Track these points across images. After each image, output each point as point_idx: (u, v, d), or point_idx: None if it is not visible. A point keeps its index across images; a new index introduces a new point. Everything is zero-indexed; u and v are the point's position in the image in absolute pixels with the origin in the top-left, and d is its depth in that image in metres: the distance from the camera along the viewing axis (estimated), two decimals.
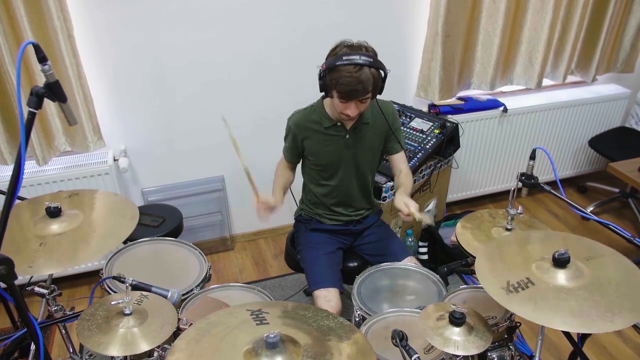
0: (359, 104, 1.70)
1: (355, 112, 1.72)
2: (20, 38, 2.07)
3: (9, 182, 1.11)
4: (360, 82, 1.62)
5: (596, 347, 2.32)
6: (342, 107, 1.71)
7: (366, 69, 1.62)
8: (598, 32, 3.02)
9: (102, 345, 1.28)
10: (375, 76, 1.65)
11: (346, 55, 1.63)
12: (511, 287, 1.26)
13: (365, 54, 1.64)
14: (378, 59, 1.69)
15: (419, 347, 1.39)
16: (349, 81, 1.61)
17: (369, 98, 1.70)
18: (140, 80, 2.42)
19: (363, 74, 1.61)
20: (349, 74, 1.61)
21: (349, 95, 1.65)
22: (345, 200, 2.02)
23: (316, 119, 1.87)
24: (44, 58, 1.12)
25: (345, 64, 1.61)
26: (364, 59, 1.62)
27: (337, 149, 1.89)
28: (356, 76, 1.61)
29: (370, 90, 1.66)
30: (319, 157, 1.92)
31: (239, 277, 2.80)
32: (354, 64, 1.61)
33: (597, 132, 3.37)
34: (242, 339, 1.17)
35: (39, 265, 1.27)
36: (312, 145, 1.90)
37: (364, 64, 1.61)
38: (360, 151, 1.91)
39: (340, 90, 1.65)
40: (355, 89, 1.63)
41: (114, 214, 1.51)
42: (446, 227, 2.86)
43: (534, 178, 1.66)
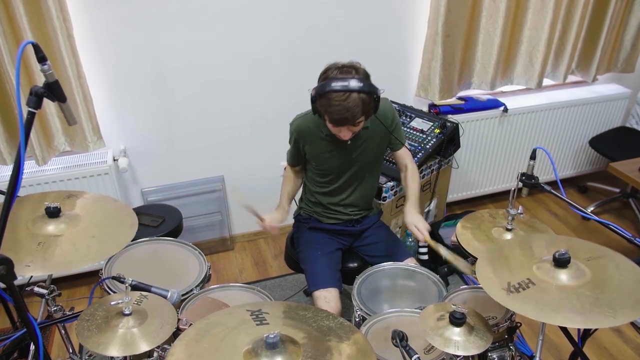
0: (351, 127, 1.68)
1: (349, 135, 1.71)
2: (19, 38, 2.07)
3: (9, 182, 1.11)
4: (348, 110, 1.59)
5: (597, 347, 2.32)
6: (336, 131, 1.71)
7: (355, 95, 1.58)
8: (599, 31, 3.02)
9: (101, 346, 1.27)
10: (366, 101, 1.61)
11: (335, 80, 1.59)
12: (512, 287, 1.26)
13: (356, 78, 1.60)
14: (369, 81, 1.65)
15: (419, 348, 1.39)
16: (337, 110, 1.59)
17: (362, 121, 1.68)
18: (140, 80, 2.42)
19: (351, 101, 1.58)
20: (337, 102, 1.58)
21: (339, 122, 1.64)
22: (346, 203, 2.01)
23: (317, 125, 1.85)
24: (43, 58, 1.12)
25: (334, 90, 1.58)
26: (352, 85, 1.57)
27: (339, 155, 1.87)
28: (345, 105, 1.58)
29: (360, 116, 1.63)
30: (320, 163, 1.91)
31: (239, 277, 2.79)
32: (342, 90, 1.57)
33: (598, 132, 3.37)
34: (242, 339, 1.17)
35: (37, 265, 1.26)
36: (314, 150, 1.89)
37: (353, 90, 1.57)
38: (362, 156, 1.90)
39: (330, 118, 1.64)
40: (345, 117, 1.61)
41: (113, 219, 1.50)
42: (446, 227, 2.85)
43: (534, 178, 1.65)
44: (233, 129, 2.68)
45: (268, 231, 1.95)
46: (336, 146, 1.85)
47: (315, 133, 1.86)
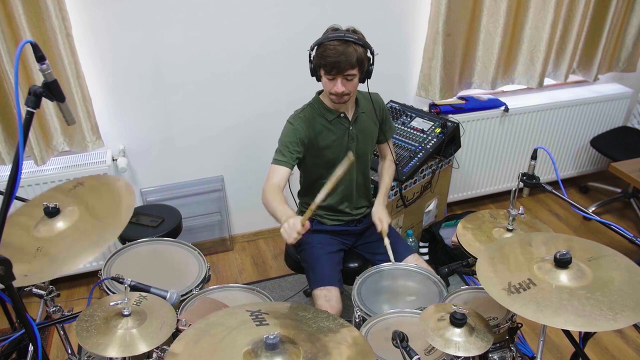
0: (345, 82, 1.74)
1: (342, 89, 1.74)
2: (18, 37, 2.07)
3: (7, 182, 1.11)
4: (343, 54, 1.67)
5: (598, 348, 2.31)
6: (330, 85, 1.75)
7: (351, 45, 1.69)
8: (600, 31, 3.01)
9: (100, 347, 1.27)
10: (360, 53, 1.71)
11: (332, 33, 1.72)
12: (512, 288, 1.26)
13: (352, 34, 1.71)
14: (365, 40, 1.75)
15: (419, 349, 1.38)
16: (332, 53, 1.68)
17: (355, 75, 1.74)
18: (139, 79, 2.41)
19: (347, 48, 1.68)
20: (333, 47, 1.68)
21: (333, 67, 1.69)
22: (348, 197, 2.02)
23: (319, 114, 1.89)
24: (42, 57, 1.12)
25: (330, 39, 1.69)
26: (349, 37, 1.69)
27: (343, 141, 1.91)
28: (340, 49, 1.67)
29: (355, 65, 1.70)
30: (327, 152, 1.91)
31: (239, 277, 2.79)
32: (339, 39, 1.69)
33: (599, 132, 3.37)
34: (242, 340, 1.16)
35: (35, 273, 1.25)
36: (322, 140, 1.89)
37: (349, 40, 1.69)
38: (362, 142, 1.95)
39: (325, 64, 1.70)
40: (339, 61, 1.68)
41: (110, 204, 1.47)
42: (447, 227, 2.85)
43: (535, 178, 1.65)
44: (233, 128, 2.68)
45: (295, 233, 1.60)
46: (340, 132, 1.90)
47: (320, 122, 1.89)
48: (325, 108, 1.89)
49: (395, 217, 2.60)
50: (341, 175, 1.45)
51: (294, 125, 1.86)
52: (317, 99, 1.92)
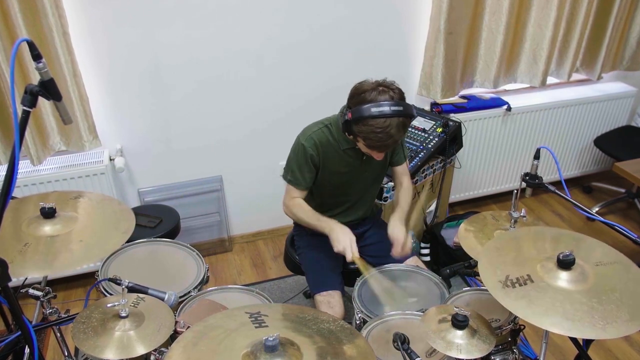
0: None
1: (382, 157, 1.69)
2: (14, 35, 2.06)
3: (3, 182, 1.09)
4: (391, 137, 1.54)
5: (602, 350, 2.29)
6: (369, 152, 1.67)
7: (395, 120, 1.53)
8: (603, 29, 3.00)
9: (97, 349, 1.27)
10: (406, 124, 1.58)
11: (375, 105, 1.53)
12: (509, 281, 1.25)
13: (396, 101, 1.54)
14: (405, 101, 1.59)
15: (421, 351, 1.38)
16: (379, 137, 1.54)
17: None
18: (137, 78, 2.40)
19: (394, 127, 1.53)
20: (380, 129, 1.52)
21: (379, 149, 1.61)
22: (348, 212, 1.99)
23: (334, 139, 1.78)
24: (38, 55, 1.11)
25: (375, 116, 1.52)
26: (394, 109, 1.52)
27: (354, 170, 1.84)
28: (387, 132, 1.53)
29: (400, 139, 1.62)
30: (334, 178, 1.85)
31: (238, 279, 2.78)
32: (384, 116, 1.51)
33: (603, 131, 3.35)
34: (241, 342, 1.16)
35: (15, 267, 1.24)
36: (331, 165, 1.82)
37: (394, 115, 1.52)
38: (372, 170, 1.89)
39: (370, 145, 1.59)
40: (387, 144, 1.58)
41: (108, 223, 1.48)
42: (448, 228, 2.83)
43: (538, 178, 1.64)
44: (231, 128, 2.67)
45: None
46: (352, 162, 1.82)
47: (333, 145, 1.78)
48: (343, 137, 1.76)
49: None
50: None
51: (305, 147, 1.76)
52: (336, 123, 1.76)
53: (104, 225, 1.46)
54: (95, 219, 1.47)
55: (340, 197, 1.94)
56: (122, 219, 1.48)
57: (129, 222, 1.47)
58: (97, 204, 1.54)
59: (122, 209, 1.53)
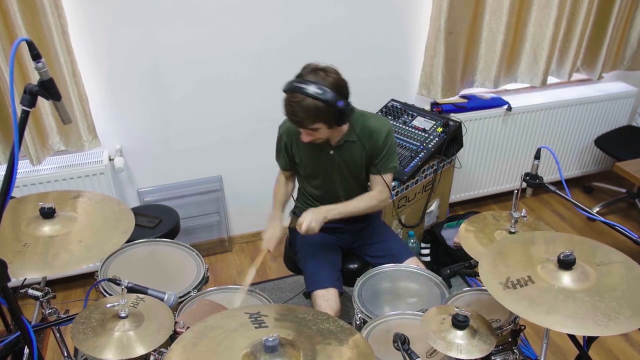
0: (310, 132, 1.65)
1: (308, 139, 1.68)
2: (13, 35, 2.05)
3: (2, 182, 1.09)
4: (294, 114, 1.58)
5: (603, 351, 2.29)
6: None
7: (308, 100, 1.54)
8: (604, 28, 2.99)
9: (97, 349, 1.26)
10: (320, 109, 1.54)
11: (297, 81, 1.58)
12: (510, 283, 1.25)
13: (318, 83, 1.54)
14: (334, 90, 1.56)
15: (421, 351, 1.38)
16: (288, 110, 1.60)
17: (319, 128, 1.62)
18: (136, 78, 2.40)
19: (299, 105, 1.55)
20: (289, 103, 1.58)
21: (292, 121, 1.63)
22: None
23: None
24: (37, 55, 1.10)
25: (290, 90, 1.58)
26: (309, 89, 1.53)
27: (321, 162, 1.87)
28: (294, 107, 1.57)
29: (313, 121, 1.58)
30: (304, 167, 1.92)
31: (237, 279, 2.77)
32: (296, 92, 1.55)
33: (604, 131, 3.34)
34: (241, 342, 1.15)
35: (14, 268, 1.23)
36: (300, 153, 1.89)
37: (307, 94, 1.53)
38: (345, 167, 1.87)
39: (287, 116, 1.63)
40: (293, 120, 1.62)
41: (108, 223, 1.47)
42: (449, 228, 2.82)
43: (538, 178, 1.63)
44: (231, 128, 2.66)
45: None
46: (319, 153, 1.84)
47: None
48: None
49: (396, 217, 2.58)
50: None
51: (280, 134, 1.89)
52: None
53: (103, 225, 1.45)
54: (95, 219, 1.46)
55: (321, 189, 1.96)
56: (121, 219, 1.47)
57: (128, 222, 1.46)
58: (96, 203, 1.53)
59: (121, 208, 1.52)
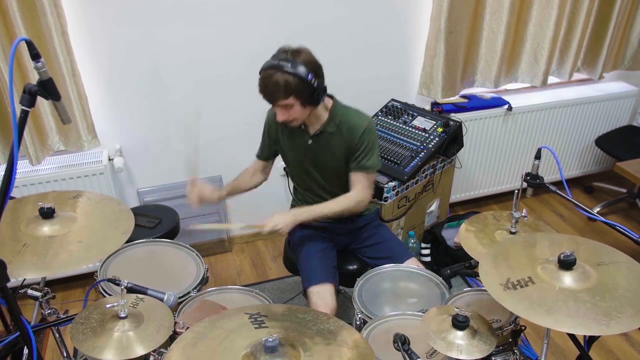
0: (283, 110, 1.68)
1: (282, 118, 1.70)
2: (12, 34, 2.05)
3: (1, 182, 1.09)
4: (267, 87, 1.62)
5: (603, 351, 2.28)
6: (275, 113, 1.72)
7: (278, 75, 1.58)
8: (605, 28, 2.98)
9: (96, 349, 1.26)
10: (290, 82, 1.59)
11: (269, 60, 1.63)
12: (510, 284, 1.25)
13: (290, 60, 1.59)
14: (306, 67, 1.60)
15: (421, 352, 1.37)
16: (261, 85, 1.64)
17: (292, 104, 1.64)
18: (136, 78, 2.39)
19: (270, 79, 1.60)
20: (262, 78, 1.63)
21: (265, 98, 1.66)
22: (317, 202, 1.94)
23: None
24: (37, 55, 1.10)
25: (264, 68, 1.63)
26: (280, 64, 1.58)
27: (299, 153, 1.90)
28: (266, 81, 1.61)
29: (285, 95, 1.61)
30: (285, 155, 1.96)
31: (237, 279, 2.77)
32: (268, 67, 1.61)
33: (604, 131, 3.34)
34: (240, 342, 1.15)
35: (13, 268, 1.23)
36: (283, 141, 1.93)
37: (278, 69, 1.59)
38: (322, 158, 1.87)
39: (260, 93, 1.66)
40: (265, 93, 1.64)
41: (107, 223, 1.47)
42: (449, 228, 2.82)
43: (539, 178, 1.63)
44: (230, 127, 2.66)
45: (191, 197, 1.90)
46: (297, 143, 1.88)
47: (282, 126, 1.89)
48: None
49: (397, 219, 2.58)
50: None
51: (266, 119, 1.96)
52: None
53: (103, 226, 1.45)
54: (94, 219, 1.46)
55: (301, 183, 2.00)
56: (121, 219, 1.47)
57: (128, 222, 1.46)
58: (96, 203, 1.53)
59: (121, 208, 1.52)
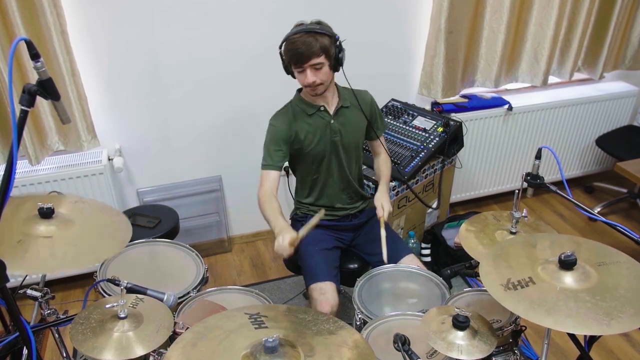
0: (313, 71, 1.76)
1: (312, 79, 1.77)
2: (12, 34, 2.05)
3: (1, 182, 1.08)
4: (304, 44, 1.72)
5: (604, 352, 2.28)
6: (302, 78, 1.79)
7: (312, 35, 1.73)
8: (605, 28, 2.98)
9: (96, 350, 1.26)
10: (324, 41, 1.74)
11: (295, 28, 1.77)
12: (510, 284, 1.25)
13: (310, 25, 1.77)
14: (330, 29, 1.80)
15: (421, 352, 1.37)
16: (295, 45, 1.73)
17: (322, 64, 1.76)
18: (136, 78, 2.39)
19: (308, 37, 1.73)
20: (295, 39, 1.73)
21: (298, 58, 1.74)
22: (335, 194, 2.02)
23: (299, 111, 1.92)
24: (36, 55, 1.10)
25: (293, 33, 1.75)
26: (310, 27, 1.75)
27: (325, 135, 1.92)
28: (301, 40, 1.72)
29: (319, 53, 1.73)
30: (308, 147, 1.93)
31: (237, 279, 2.76)
32: (300, 32, 1.74)
33: (605, 131, 3.33)
34: (240, 343, 1.15)
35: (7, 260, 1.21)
36: (303, 136, 1.92)
37: (310, 31, 1.74)
38: (345, 136, 1.95)
39: (291, 57, 1.75)
40: (302, 51, 1.72)
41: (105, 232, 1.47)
42: (449, 228, 2.81)
43: (539, 178, 1.63)
44: (231, 127, 2.65)
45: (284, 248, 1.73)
46: (320, 126, 1.91)
47: (300, 117, 1.92)
48: (305, 103, 1.91)
49: (398, 217, 2.57)
50: (315, 224, 1.72)
51: (274, 126, 1.92)
52: (296, 96, 1.96)
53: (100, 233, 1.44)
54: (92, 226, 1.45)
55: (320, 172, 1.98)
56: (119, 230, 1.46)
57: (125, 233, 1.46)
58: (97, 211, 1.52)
59: (120, 219, 1.52)
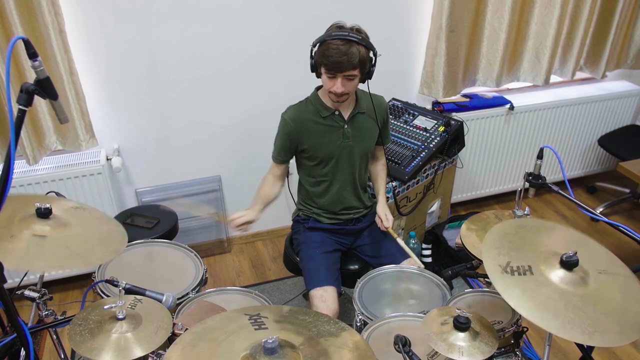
0: (345, 82, 1.72)
1: (341, 89, 1.73)
2: (9, 33, 2.04)
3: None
4: (345, 54, 1.66)
5: (606, 353, 2.27)
6: (330, 84, 1.74)
7: (354, 45, 1.67)
8: (608, 26, 2.98)
9: (94, 351, 1.25)
10: (363, 54, 1.69)
11: (336, 31, 1.70)
12: (509, 267, 1.23)
13: (356, 34, 1.69)
14: (369, 40, 1.74)
15: (422, 353, 1.37)
16: (335, 53, 1.66)
17: (356, 76, 1.73)
18: (134, 77, 2.38)
19: (350, 48, 1.67)
20: (336, 46, 1.67)
21: (334, 67, 1.68)
22: (339, 199, 2.00)
23: (313, 111, 1.88)
24: (34, 54, 1.10)
25: (334, 38, 1.68)
26: (352, 36, 1.68)
27: (336, 139, 1.89)
28: (343, 49, 1.66)
29: (356, 66, 1.69)
30: (316, 150, 1.91)
31: (236, 280, 2.76)
32: (342, 39, 1.67)
33: (607, 131, 3.32)
34: (240, 344, 1.14)
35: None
36: (311, 137, 1.89)
37: (352, 40, 1.67)
38: (357, 142, 1.92)
39: (327, 63, 1.69)
40: (341, 61, 1.67)
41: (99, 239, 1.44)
42: (450, 228, 2.80)
43: (541, 178, 1.62)
44: (230, 127, 2.65)
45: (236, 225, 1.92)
46: (333, 130, 1.89)
47: (311, 119, 1.88)
48: (321, 104, 1.88)
49: (398, 219, 2.56)
50: (195, 214, 1.73)
51: (285, 120, 1.90)
52: (314, 95, 1.91)
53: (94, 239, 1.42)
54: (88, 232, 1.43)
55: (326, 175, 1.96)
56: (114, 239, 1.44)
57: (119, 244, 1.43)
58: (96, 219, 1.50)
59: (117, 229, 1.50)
